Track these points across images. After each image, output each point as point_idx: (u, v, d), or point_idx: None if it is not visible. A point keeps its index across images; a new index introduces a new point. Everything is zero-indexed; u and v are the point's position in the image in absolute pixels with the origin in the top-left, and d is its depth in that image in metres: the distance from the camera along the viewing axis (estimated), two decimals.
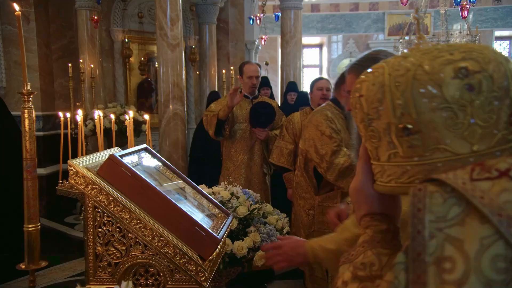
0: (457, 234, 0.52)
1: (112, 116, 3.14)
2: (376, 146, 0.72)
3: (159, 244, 1.66)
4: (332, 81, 3.56)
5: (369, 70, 0.75)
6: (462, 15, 5.92)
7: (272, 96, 5.95)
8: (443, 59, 0.66)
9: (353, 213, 1.43)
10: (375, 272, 0.70)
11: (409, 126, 0.65)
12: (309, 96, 3.86)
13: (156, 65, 5.36)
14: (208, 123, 3.89)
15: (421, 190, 0.56)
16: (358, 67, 1.55)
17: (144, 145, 2.11)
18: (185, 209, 1.74)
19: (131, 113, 2.80)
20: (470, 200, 0.52)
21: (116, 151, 1.94)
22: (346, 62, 13.25)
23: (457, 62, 0.65)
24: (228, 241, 2.37)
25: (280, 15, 6.89)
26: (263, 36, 9.29)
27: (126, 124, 3.17)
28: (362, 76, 0.76)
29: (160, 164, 2.11)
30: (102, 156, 1.90)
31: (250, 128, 3.94)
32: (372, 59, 1.52)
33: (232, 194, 2.63)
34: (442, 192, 0.54)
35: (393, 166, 0.69)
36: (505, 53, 13.10)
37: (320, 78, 3.85)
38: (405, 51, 0.76)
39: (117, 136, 4.29)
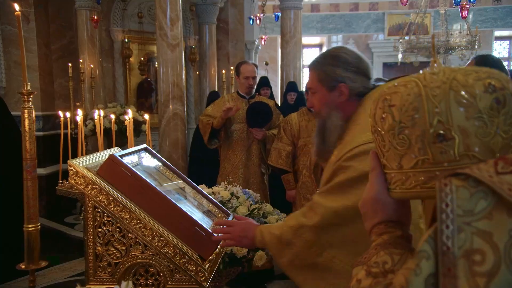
0: (485, 227, 0.53)
1: (112, 116, 3.14)
2: (402, 154, 0.75)
3: (159, 244, 1.66)
4: None
5: (396, 84, 0.80)
6: (462, 15, 5.93)
7: (272, 96, 5.95)
8: (473, 75, 0.74)
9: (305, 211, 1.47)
10: (388, 268, 0.73)
11: (444, 132, 0.71)
12: (305, 96, 3.86)
13: (156, 65, 5.35)
14: (203, 129, 3.93)
15: (447, 185, 0.58)
16: (319, 64, 1.55)
17: (144, 145, 2.11)
18: (185, 209, 1.74)
19: (130, 113, 2.81)
20: (498, 192, 0.53)
21: (116, 151, 1.94)
22: None
23: (485, 79, 0.74)
24: None
25: (280, 15, 6.89)
26: (263, 36, 9.30)
27: (126, 124, 3.17)
28: (389, 89, 0.80)
29: (160, 164, 2.11)
30: (102, 156, 1.90)
31: (247, 128, 3.93)
32: (332, 56, 1.53)
33: (232, 194, 2.63)
34: (468, 187, 0.56)
35: (420, 172, 0.72)
36: (505, 53, 13.10)
37: None
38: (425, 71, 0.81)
39: (117, 136, 4.29)
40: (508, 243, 0.52)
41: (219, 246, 1.76)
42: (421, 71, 0.82)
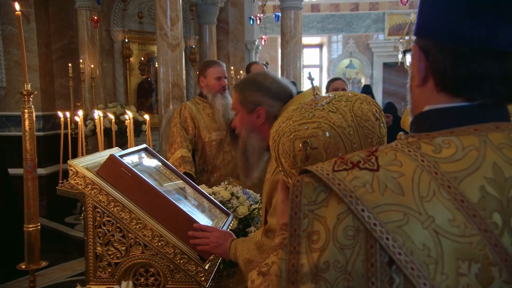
0: (323, 213, 0.66)
1: (112, 116, 3.14)
2: None
3: (159, 244, 1.66)
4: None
5: (307, 127, 0.97)
6: None
7: None
8: (364, 107, 1.00)
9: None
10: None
11: None
12: None
13: (156, 65, 5.35)
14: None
15: (299, 181, 0.70)
16: (242, 87, 1.68)
17: (144, 145, 2.11)
18: (185, 209, 1.74)
19: (130, 113, 2.80)
20: (331, 186, 0.66)
21: (116, 151, 1.94)
22: (346, 62, 13.24)
23: (371, 107, 1.01)
24: None
25: (280, 15, 6.88)
26: (263, 36, 9.29)
27: (126, 124, 3.17)
28: (301, 132, 0.97)
29: (160, 164, 2.11)
30: (102, 156, 1.91)
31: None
32: (253, 81, 1.67)
33: (232, 194, 2.63)
34: (313, 182, 0.69)
35: None
36: None
37: (336, 79, 3.87)
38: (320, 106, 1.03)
39: (117, 136, 4.29)
40: (336, 224, 0.64)
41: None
42: (312, 106, 1.02)
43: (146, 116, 3.00)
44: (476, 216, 0.63)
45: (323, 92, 1.68)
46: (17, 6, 2.07)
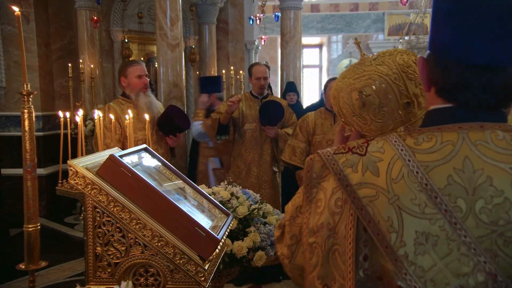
0: (325, 185, 0.87)
1: (112, 116, 3.13)
2: (381, 124, 1.12)
3: (159, 244, 1.66)
4: None
5: (360, 80, 1.13)
6: None
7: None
8: (405, 56, 1.16)
9: None
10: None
11: (408, 100, 1.11)
12: (323, 96, 4.00)
13: (156, 65, 5.35)
14: (211, 126, 4.05)
15: (312, 159, 0.90)
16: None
17: (144, 145, 2.11)
18: (185, 209, 1.74)
19: (130, 113, 2.80)
20: (327, 166, 0.86)
21: (116, 151, 1.94)
22: (345, 62, 13.24)
23: (410, 57, 1.16)
24: (228, 241, 2.37)
25: (280, 15, 6.88)
26: (263, 36, 9.30)
27: (126, 124, 3.16)
28: (354, 85, 1.13)
29: (160, 164, 2.11)
30: (102, 156, 1.90)
31: (260, 127, 4.03)
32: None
33: (232, 194, 2.63)
34: (321, 160, 0.88)
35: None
36: None
37: (334, 79, 3.91)
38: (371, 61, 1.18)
39: None
40: (330, 196, 0.84)
41: (219, 247, 1.76)
42: (361, 64, 1.17)
43: (146, 116, 3.00)
44: (437, 198, 0.75)
45: (321, 91, 1.67)
46: (15, 8, 2.08)
